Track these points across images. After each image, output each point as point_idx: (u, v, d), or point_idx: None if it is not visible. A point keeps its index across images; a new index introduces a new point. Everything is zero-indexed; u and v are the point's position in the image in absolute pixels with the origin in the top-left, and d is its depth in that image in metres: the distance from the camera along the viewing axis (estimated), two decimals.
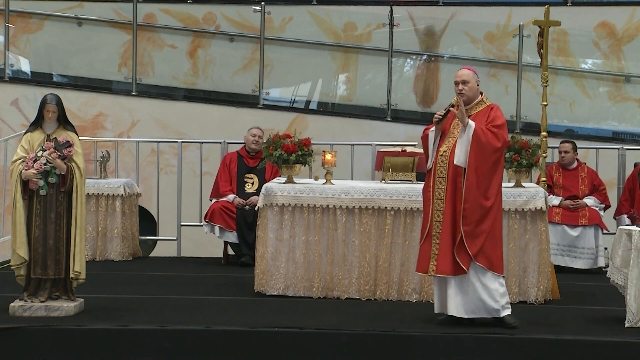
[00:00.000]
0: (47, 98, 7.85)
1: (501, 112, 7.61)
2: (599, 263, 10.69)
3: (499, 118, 7.55)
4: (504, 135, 7.51)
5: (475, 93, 7.64)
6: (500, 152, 7.49)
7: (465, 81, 7.60)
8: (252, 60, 14.14)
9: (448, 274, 7.49)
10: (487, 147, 7.42)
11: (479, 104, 7.65)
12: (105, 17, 14.43)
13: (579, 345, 7.18)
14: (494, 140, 7.45)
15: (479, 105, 7.65)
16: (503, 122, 7.55)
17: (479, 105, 7.64)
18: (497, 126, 7.50)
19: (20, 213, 7.72)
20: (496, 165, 7.49)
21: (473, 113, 7.61)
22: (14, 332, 7.31)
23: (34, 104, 12.49)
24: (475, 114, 7.60)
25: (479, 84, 7.69)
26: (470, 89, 7.62)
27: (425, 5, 14.37)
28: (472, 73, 7.66)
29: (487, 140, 7.42)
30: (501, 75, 13.96)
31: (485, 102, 7.67)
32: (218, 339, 7.32)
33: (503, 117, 7.59)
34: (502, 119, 7.56)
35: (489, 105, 7.65)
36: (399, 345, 7.25)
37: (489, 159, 7.44)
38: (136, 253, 11.43)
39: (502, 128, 7.51)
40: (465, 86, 7.60)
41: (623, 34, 13.76)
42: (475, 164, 7.41)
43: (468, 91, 7.61)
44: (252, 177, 11.08)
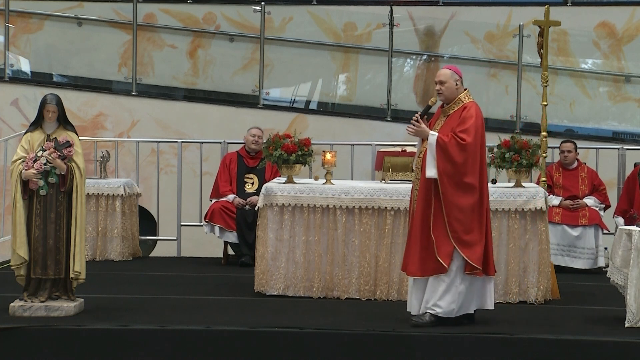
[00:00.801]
0: (47, 98, 7.85)
1: (474, 111, 7.49)
2: (599, 263, 10.69)
3: (469, 119, 7.46)
4: (469, 138, 7.39)
5: (453, 92, 7.59)
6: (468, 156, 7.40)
7: (442, 81, 7.58)
8: (252, 60, 14.14)
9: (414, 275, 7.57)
10: (453, 158, 7.40)
11: (456, 103, 7.60)
12: (105, 17, 14.43)
13: (579, 345, 7.18)
14: (456, 152, 7.39)
15: (456, 104, 7.59)
16: (471, 123, 7.44)
17: (456, 105, 7.59)
18: (463, 131, 7.41)
19: (20, 213, 7.72)
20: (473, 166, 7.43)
21: (450, 113, 7.60)
22: (14, 332, 7.31)
23: (34, 104, 12.49)
24: (451, 114, 7.58)
25: (459, 83, 7.59)
26: (448, 88, 7.58)
27: (425, 5, 14.37)
28: (451, 72, 7.60)
29: (451, 152, 7.39)
30: (501, 75, 13.97)
31: (462, 101, 7.58)
32: (218, 339, 7.32)
33: (474, 116, 7.47)
34: (470, 120, 7.45)
35: (463, 104, 7.57)
36: (399, 345, 7.25)
37: (460, 168, 7.41)
38: (136, 253, 11.43)
39: (468, 132, 7.41)
40: (442, 86, 7.58)
41: (623, 34, 13.76)
42: (446, 175, 7.40)
43: (445, 91, 7.58)
44: (252, 177, 11.09)
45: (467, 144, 7.41)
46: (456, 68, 7.71)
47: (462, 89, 7.62)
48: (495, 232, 8.74)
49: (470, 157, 7.42)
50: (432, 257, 7.46)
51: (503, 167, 9.01)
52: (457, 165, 7.40)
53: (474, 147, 7.43)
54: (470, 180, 7.44)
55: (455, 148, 7.41)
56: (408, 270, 7.63)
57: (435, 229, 7.44)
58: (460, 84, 7.62)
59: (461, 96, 7.60)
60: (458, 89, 7.60)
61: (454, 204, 7.40)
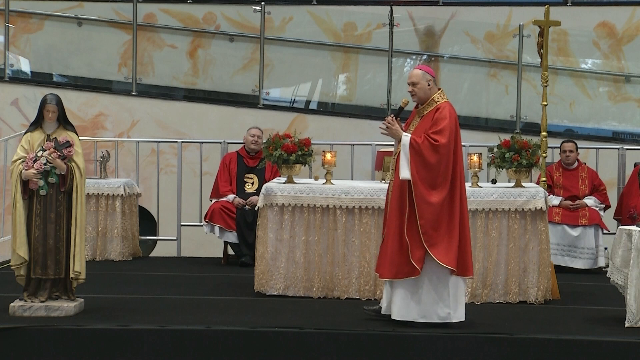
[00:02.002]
0: (47, 98, 7.85)
1: (448, 111, 7.46)
2: (599, 263, 10.69)
3: (442, 120, 7.42)
4: (442, 139, 7.36)
5: (426, 93, 7.55)
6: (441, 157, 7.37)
7: (414, 82, 7.54)
8: (252, 60, 14.13)
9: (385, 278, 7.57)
10: (426, 159, 7.37)
11: (430, 103, 7.56)
12: (105, 17, 14.43)
13: (579, 345, 7.19)
14: (429, 153, 7.37)
15: (429, 105, 7.56)
16: (445, 124, 7.40)
17: (429, 105, 7.56)
18: (436, 132, 7.38)
19: (20, 213, 7.72)
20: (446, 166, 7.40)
21: (425, 113, 7.58)
22: (14, 332, 7.31)
23: (34, 104, 12.49)
24: (425, 115, 7.56)
25: (432, 83, 7.55)
26: (420, 89, 7.54)
27: (425, 5, 14.37)
28: (422, 73, 7.56)
29: (424, 153, 7.37)
30: (501, 75, 13.96)
31: (435, 102, 7.55)
32: (218, 339, 7.32)
33: (447, 117, 7.43)
34: (444, 122, 7.41)
35: (437, 105, 7.53)
36: (399, 345, 7.25)
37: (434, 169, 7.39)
38: (136, 253, 11.43)
39: (441, 132, 7.38)
40: (414, 87, 7.55)
41: (623, 34, 13.76)
42: (420, 177, 7.38)
43: (418, 92, 7.55)
44: (252, 177, 11.09)
45: (440, 144, 7.38)
46: (428, 68, 7.68)
47: (435, 89, 7.58)
48: (495, 232, 8.75)
49: (443, 158, 7.39)
50: (405, 260, 7.42)
51: (503, 167, 9.01)
52: (430, 166, 7.37)
53: (447, 148, 7.39)
54: (442, 181, 7.39)
55: (429, 149, 7.37)
56: (380, 273, 7.60)
57: (409, 231, 7.40)
58: (432, 83, 7.57)
59: (435, 96, 7.56)
60: (431, 89, 7.55)
61: (426, 205, 7.35)
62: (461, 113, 14.11)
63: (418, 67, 7.64)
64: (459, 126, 7.54)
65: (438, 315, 7.49)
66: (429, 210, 7.35)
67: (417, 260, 7.37)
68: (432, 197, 7.37)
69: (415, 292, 7.48)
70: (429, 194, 7.37)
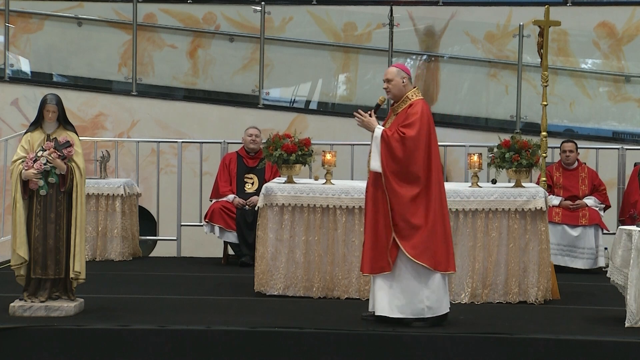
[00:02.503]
0: (47, 98, 7.86)
1: (420, 107, 7.54)
2: (599, 263, 10.68)
3: (413, 115, 7.51)
4: (410, 132, 7.44)
5: (400, 90, 7.64)
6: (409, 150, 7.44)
7: (389, 79, 7.65)
8: (252, 60, 14.13)
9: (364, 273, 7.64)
10: (395, 152, 7.45)
11: (404, 101, 7.64)
12: (105, 17, 14.43)
13: (579, 345, 7.19)
14: (397, 145, 7.44)
15: (404, 102, 7.64)
16: (415, 118, 7.49)
17: (404, 103, 7.64)
18: (406, 125, 7.48)
19: (20, 213, 7.72)
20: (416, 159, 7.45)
21: (399, 111, 7.65)
22: (14, 332, 7.31)
23: (34, 104, 12.49)
24: (400, 112, 7.62)
25: (406, 80, 7.64)
26: (395, 86, 7.64)
27: (425, 5, 14.37)
28: (397, 70, 7.67)
29: (393, 146, 7.45)
30: (501, 75, 13.96)
31: (409, 99, 7.63)
32: (218, 339, 7.33)
33: (419, 112, 7.51)
34: (415, 116, 7.50)
35: (410, 102, 7.61)
36: (399, 345, 7.25)
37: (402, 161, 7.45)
38: (136, 253, 11.43)
39: (411, 126, 7.47)
40: (389, 84, 7.65)
41: (623, 34, 13.76)
42: (389, 169, 7.45)
43: (392, 89, 7.65)
44: (252, 177, 11.08)
45: (407, 137, 7.45)
46: (404, 66, 7.79)
47: (410, 86, 7.68)
48: (495, 232, 8.75)
49: (411, 150, 7.45)
50: (379, 254, 7.49)
51: (503, 167, 9.01)
52: (398, 159, 7.45)
53: (414, 140, 7.45)
54: (413, 173, 7.45)
55: (397, 142, 7.46)
56: (361, 268, 7.70)
57: (382, 226, 7.47)
58: (407, 81, 7.67)
59: (409, 94, 7.64)
60: (405, 87, 7.65)
61: (398, 198, 7.42)
62: (461, 113, 14.20)
63: (394, 65, 7.79)
64: (433, 124, 7.62)
65: (412, 310, 7.50)
66: (401, 203, 7.42)
67: (390, 255, 7.45)
68: (404, 190, 7.44)
69: (391, 287, 7.53)
70: (401, 188, 7.45)
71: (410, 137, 7.43)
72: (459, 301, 8.72)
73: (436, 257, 7.47)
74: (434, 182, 7.50)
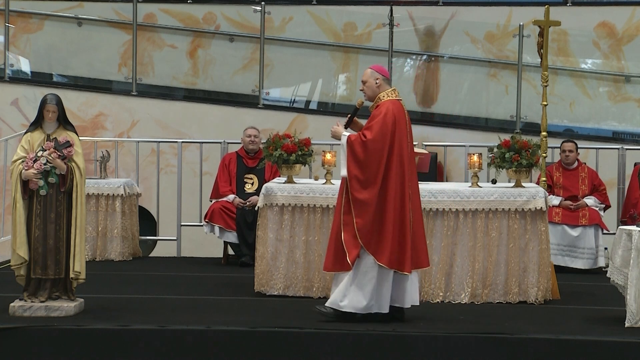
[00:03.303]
0: (47, 98, 7.86)
1: (384, 109, 7.59)
2: (599, 263, 10.68)
3: (376, 117, 7.60)
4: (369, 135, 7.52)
5: (374, 91, 7.70)
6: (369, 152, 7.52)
7: (364, 81, 7.74)
8: (252, 60, 14.13)
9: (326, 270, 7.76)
10: (357, 156, 7.54)
11: (376, 102, 7.72)
12: (105, 17, 14.42)
13: (579, 345, 7.19)
14: (358, 149, 7.54)
15: (375, 103, 7.72)
16: (376, 120, 7.56)
17: (376, 104, 7.72)
18: (367, 128, 7.58)
19: (20, 213, 7.72)
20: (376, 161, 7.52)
21: (372, 112, 7.73)
22: (14, 332, 7.31)
23: (34, 104, 12.48)
24: (372, 113, 7.70)
25: (380, 81, 7.68)
26: (369, 87, 7.71)
27: (425, 5, 14.36)
28: (371, 71, 7.72)
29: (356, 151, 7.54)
30: (501, 75, 13.96)
31: (380, 100, 7.69)
32: (218, 339, 7.33)
33: (382, 114, 7.57)
34: (377, 118, 7.58)
35: (380, 103, 7.67)
36: (399, 345, 7.25)
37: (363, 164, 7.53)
38: (136, 253, 11.43)
39: (371, 129, 7.54)
40: (364, 86, 7.74)
41: (623, 34, 13.76)
42: (353, 172, 7.54)
43: (367, 90, 7.73)
44: (251, 177, 11.08)
45: (367, 140, 7.54)
46: (380, 67, 7.82)
47: (384, 87, 7.71)
48: (495, 232, 8.75)
49: (371, 152, 7.53)
50: (341, 254, 7.59)
51: (503, 167, 9.01)
52: (360, 162, 7.55)
53: (374, 143, 7.53)
54: (372, 176, 7.52)
55: (359, 145, 7.56)
56: (324, 266, 7.80)
57: (345, 227, 7.56)
58: (381, 82, 7.71)
59: (381, 95, 7.70)
60: (379, 87, 7.69)
61: (359, 202, 7.53)
62: (461, 113, 14.19)
63: (371, 67, 7.80)
64: (402, 123, 7.63)
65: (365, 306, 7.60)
66: (362, 207, 7.53)
67: (351, 255, 7.53)
68: (363, 194, 7.54)
69: (350, 284, 7.61)
70: (361, 191, 7.55)
71: (370, 140, 7.54)
72: (459, 301, 8.72)
73: (392, 257, 7.56)
74: (393, 183, 7.57)
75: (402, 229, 7.60)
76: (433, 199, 8.78)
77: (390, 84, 7.79)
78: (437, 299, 8.75)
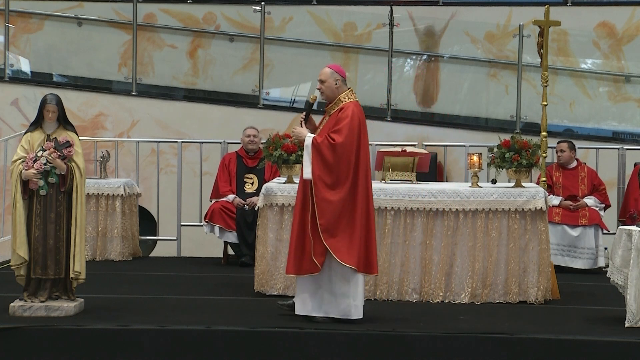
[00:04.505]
0: (47, 98, 7.86)
1: (350, 111, 7.57)
2: (599, 263, 10.68)
3: (343, 120, 7.54)
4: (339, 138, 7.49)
5: (333, 92, 7.67)
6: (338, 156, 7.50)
7: (322, 80, 7.68)
8: (252, 60, 14.13)
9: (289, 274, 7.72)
10: (325, 158, 7.50)
11: (337, 103, 7.67)
12: (105, 17, 14.42)
13: (579, 345, 7.19)
14: (327, 152, 7.50)
15: (336, 104, 7.67)
16: (344, 123, 7.52)
17: (336, 105, 7.68)
18: (335, 131, 7.52)
19: (20, 213, 7.72)
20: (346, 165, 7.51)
21: (332, 113, 7.69)
22: (14, 332, 7.31)
23: (34, 104, 12.48)
24: (332, 114, 7.67)
25: (339, 82, 7.66)
26: (328, 87, 7.66)
27: (425, 5, 14.36)
28: (331, 72, 7.68)
29: (323, 152, 7.51)
30: (501, 75, 13.96)
31: (341, 101, 7.66)
32: (218, 339, 7.33)
33: (349, 117, 7.54)
34: (344, 121, 7.53)
35: (342, 105, 7.64)
36: (399, 345, 7.25)
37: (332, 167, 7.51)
38: (136, 253, 11.43)
39: (340, 132, 7.51)
40: (322, 85, 7.69)
41: (623, 34, 13.76)
42: (319, 176, 7.51)
43: (326, 90, 7.69)
44: (251, 177, 11.09)
45: (337, 144, 7.49)
46: (338, 67, 7.79)
47: (343, 88, 7.69)
48: (495, 232, 8.75)
49: (340, 157, 7.50)
50: (307, 256, 7.55)
51: (503, 167, 9.01)
52: (329, 165, 7.50)
53: (343, 147, 7.50)
54: (342, 180, 7.51)
55: (327, 149, 7.51)
56: (286, 269, 7.74)
57: (311, 229, 7.53)
58: (341, 83, 7.68)
59: (341, 96, 7.66)
60: (339, 89, 7.66)
61: (326, 204, 7.49)
62: (461, 113, 14.19)
63: (329, 66, 7.77)
64: (365, 126, 7.64)
65: (339, 310, 7.60)
66: (328, 209, 7.50)
67: (317, 257, 7.51)
68: (331, 196, 7.51)
69: (318, 288, 7.64)
70: (328, 193, 7.51)
71: (340, 143, 7.49)
72: (459, 301, 8.72)
73: (360, 260, 7.56)
74: (361, 185, 7.57)
75: (368, 232, 7.63)
76: (433, 199, 8.78)
77: (346, 84, 7.77)
78: (437, 299, 8.75)
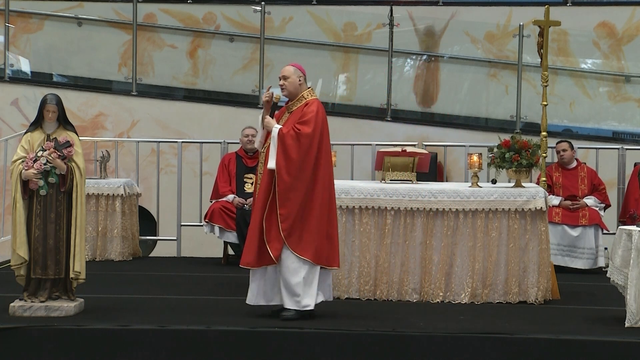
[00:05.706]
0: (47, 98, 7.86)
1: (316, 107, 7.69)
2: (599, 263, 10.68)
3: (309, 113, 7.65)
4: (305, 129, 7.58)
5: (296, 89, 7.78)
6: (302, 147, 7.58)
7: (286, 77, 7.80)
8: (252, 60, 14.14)
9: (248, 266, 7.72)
10: (289, 149, 7.58)
11: (299, 100, 7.78)
12: (105, 17, 14.43)
13: (579, 345, 7.19)
14: (292, 142, 7.57)
15: (299, 101, 7.78)
16: (311, 116, 7.62)
17: (299, 102, 7.78)
18: (302, 122, 7.62)
19: (20, 213, 7.72)
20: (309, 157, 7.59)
21: (294, 109, 7.78)
22: (14, 332, 7.31)
23: (34, 104, 12.49)
24: (294, 110, 7.76)
25: (302, 80, 7.79)
26: (291, 84, 7.78)
27: (425, 5, 14.37)
28: (294, 69, 7.81)
29: (287, 144, 7.58)
30: (501, 75, 13.96)
31: (304, 98, 7.77)
32: (218, 339, 7.32)
33: (315, 111, 7.65)
34: (311, 114, 7.64)
35: (306, 101, 7.75)
36: (399, 345, 7.25)
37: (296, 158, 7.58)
38: (136, 253, 11.43)
39: (306, 123, 7.61)
40: (285, 81, 7.80)
41: (623, 34, 13.76)
42: (282, 165, 7.58)
43: (288, 86, 7.80)
44: (251, 177, 11.08)
45: (302, 133, 7.59)
46: (300, 66, 7.91)
47: (305, 86, 7.83)
48: (495, 232, 8.75)
49: (305, 147, 7.59)
50: (265, 248, 7.61)
51: (503, 167, 9.01)
52: (292, 155, 7.59)
53: (309, 137, 7.60)
54: (303, 170, 7.58)
55: (292, 139, 7.60)
56: (243, 260, 7.75)
57: (268, 220, 7.59)
58: (303, 80, 7.82)
59: (304, 93, 7.80)
60: (301, 86, 7.80)
61: (286, 194, 7.56)
62: (461, 113, 14.20)
63: (291, 64, 7.88)
64: (327, 124, 7.75)
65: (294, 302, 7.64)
66: (288, 200, 7.56)
67: (274, 249, 7.56)
68: (292, 187, 7.57)
69: (271, 279, 7.70)
70: (290, 184, 7.57)
71: (306, 134, 7.59)
72: (459, 301, 8.72)
73: (319, 252, 7.62)
74: (320, 179, 7.64)
75: (330, 224, 7.69)
76: (433, 199, 8.78)
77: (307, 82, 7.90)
78: (437, 299, 8.75)
